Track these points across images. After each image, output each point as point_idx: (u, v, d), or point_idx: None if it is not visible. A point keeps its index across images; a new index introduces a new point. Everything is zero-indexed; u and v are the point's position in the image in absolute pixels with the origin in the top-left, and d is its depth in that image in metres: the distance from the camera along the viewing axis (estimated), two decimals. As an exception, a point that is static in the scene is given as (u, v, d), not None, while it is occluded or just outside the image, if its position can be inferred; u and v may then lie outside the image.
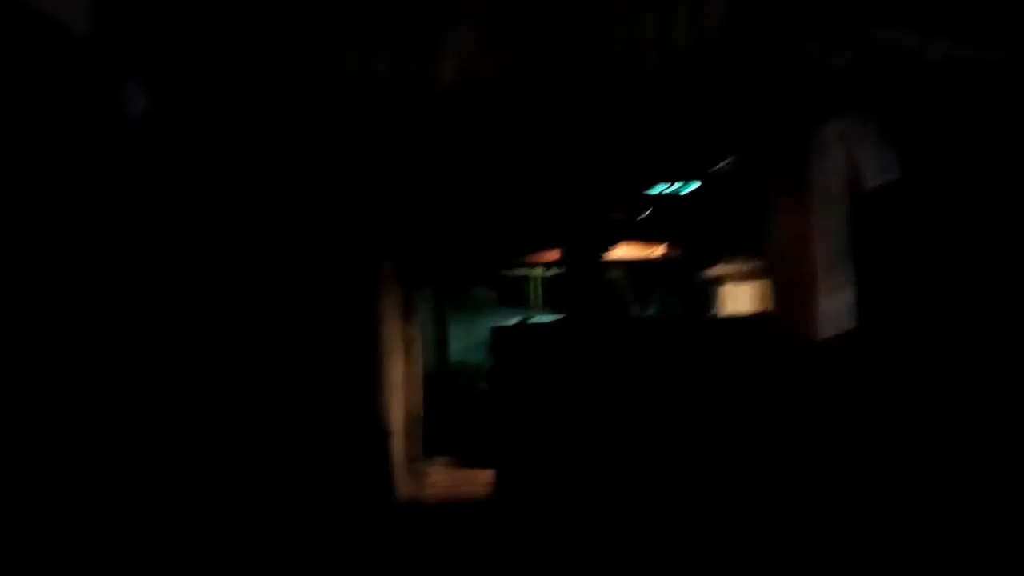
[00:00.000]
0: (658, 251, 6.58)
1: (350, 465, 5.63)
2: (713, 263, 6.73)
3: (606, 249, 5.51)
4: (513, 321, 7.91)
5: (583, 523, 5.45)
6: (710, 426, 4.97)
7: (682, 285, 7.87)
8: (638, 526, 5.25)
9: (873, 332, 3.79)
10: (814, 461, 4.03)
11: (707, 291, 7.44)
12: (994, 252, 3.76)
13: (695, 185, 5.20)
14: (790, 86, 3.79)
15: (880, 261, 3.84)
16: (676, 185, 5.19)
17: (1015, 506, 3.38)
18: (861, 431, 3.86)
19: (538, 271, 8.74)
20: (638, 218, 5.37)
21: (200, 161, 4.88)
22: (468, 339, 9.65)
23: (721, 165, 5.06)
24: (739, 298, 6.52)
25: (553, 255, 8.01)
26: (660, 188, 5.26)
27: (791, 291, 4.21)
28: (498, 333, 6.93)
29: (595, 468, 5.50)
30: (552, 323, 7.28)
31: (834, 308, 3.81)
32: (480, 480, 7.53)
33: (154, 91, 4.23)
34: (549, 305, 8.93)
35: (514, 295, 9.39)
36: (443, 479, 7.70)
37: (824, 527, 3.95)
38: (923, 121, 3.86)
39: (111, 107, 4.14)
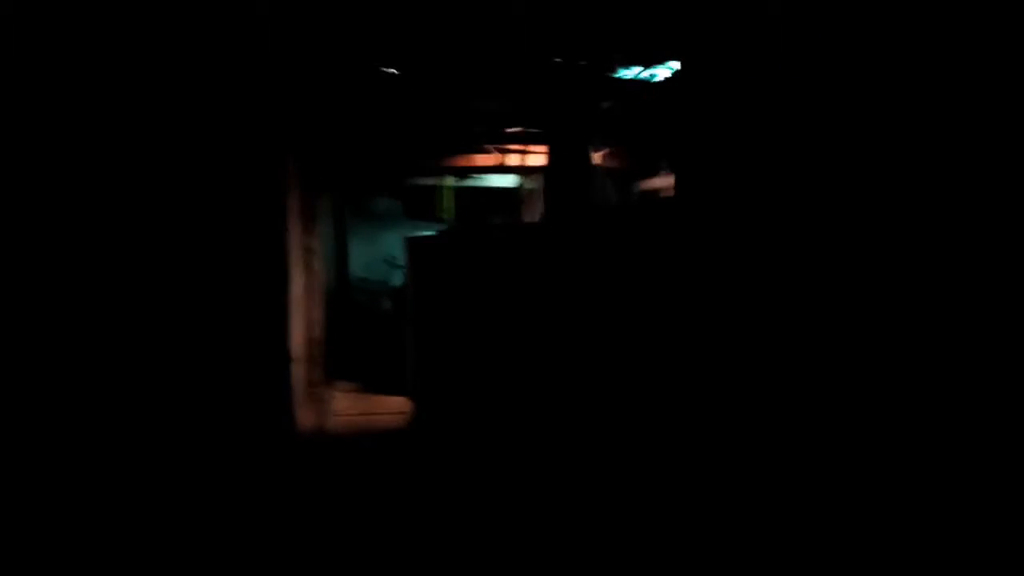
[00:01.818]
0: (598, 156, 5.94)
1: (245, 392, 4.88)
2: (653, 173, 6.16)
3: (593, 141, 4.81)
4: (423, 233, 7.16)
5: (512, 455, 4.95)
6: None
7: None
8: (574, 455, 4.79)
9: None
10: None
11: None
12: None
13: (666, 71, 4.52)
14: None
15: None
16: (649, 70, 4.51)
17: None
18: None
19: (449, 180, 7.95)
20: (613, 107, 4.69)
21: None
22: (370, 254, 8.82)
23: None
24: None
25: (467, 160, 7.25)
26: (631, 73, 4.54)
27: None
28: (415, 243, 6.17)
29: (530, 393, 4.96)
30: (485, 228, 6.59)
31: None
32: (388, 407, 6.91)
33: None
34: (460, 218, 8.20)
35: (420, 207, 8.59)
36: (347, 407, 7.00)
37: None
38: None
39: None
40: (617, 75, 4.49)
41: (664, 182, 6.32)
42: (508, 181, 7.95)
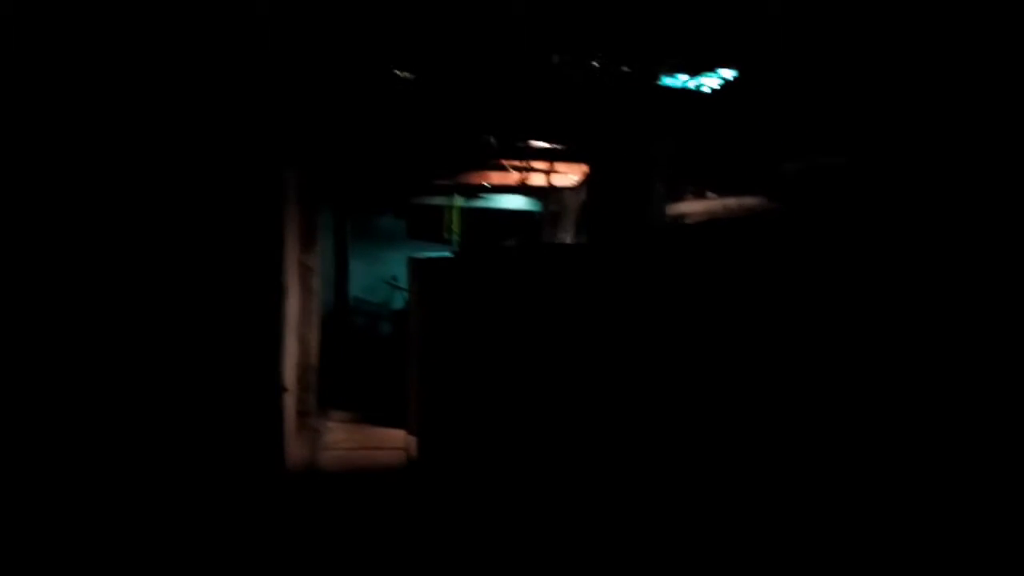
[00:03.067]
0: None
1: (231, 422, 4.42)
2: (679, 197, 5.70)
3: (650, 155, 4.37)
4: (429, 254, 6.70)
5: (525, 506, 4.46)
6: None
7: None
8: (599, 509, 4.30)
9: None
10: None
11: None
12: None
13: (715, 79, 4.11)
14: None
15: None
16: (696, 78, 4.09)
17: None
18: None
19: (458, 200, 7.52)
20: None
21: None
22: (370, 275, 8.34)
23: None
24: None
25: (480, 178, 6.80)
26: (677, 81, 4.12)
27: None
28: (423, 265, 5.71)
29: (555, 437, 4.48)
30: (508, 250, 6.12)
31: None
32: (385, 441, 6.41)
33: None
34: (468, 240, 7.75)
35: (425, 227, 8.14)
36: (341, 439, 6.50)
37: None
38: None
39: None
40: (662, 83, 4.09)
41: (692, 207, 5.87)
42: (522, 203, 7.52)
